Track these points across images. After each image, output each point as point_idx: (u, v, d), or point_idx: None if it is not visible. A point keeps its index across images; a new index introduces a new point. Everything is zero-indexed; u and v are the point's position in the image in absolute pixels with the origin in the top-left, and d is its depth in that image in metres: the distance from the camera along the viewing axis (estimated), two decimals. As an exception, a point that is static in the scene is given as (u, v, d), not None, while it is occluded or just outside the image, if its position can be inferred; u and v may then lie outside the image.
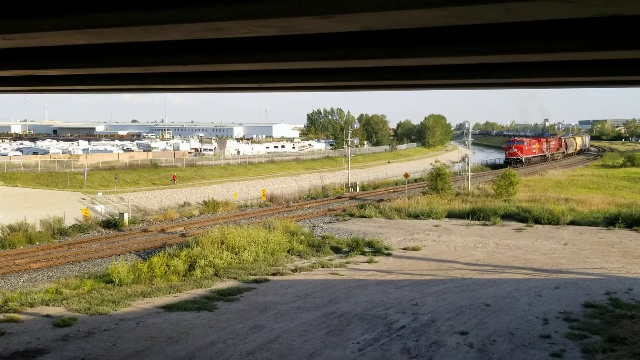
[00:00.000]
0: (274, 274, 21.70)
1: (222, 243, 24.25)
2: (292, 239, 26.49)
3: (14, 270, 22.78)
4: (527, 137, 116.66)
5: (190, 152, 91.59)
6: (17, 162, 61.80)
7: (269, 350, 13.62)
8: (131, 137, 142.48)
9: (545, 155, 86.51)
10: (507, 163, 75.01)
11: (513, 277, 21.41)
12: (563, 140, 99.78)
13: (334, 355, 13.38)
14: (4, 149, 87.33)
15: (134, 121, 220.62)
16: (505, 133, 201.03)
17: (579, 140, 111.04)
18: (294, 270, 22.41)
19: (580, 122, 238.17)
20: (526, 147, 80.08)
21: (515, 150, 78.64)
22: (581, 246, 27.28)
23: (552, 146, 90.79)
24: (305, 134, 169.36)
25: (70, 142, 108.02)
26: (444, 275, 21.74)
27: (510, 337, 14.53)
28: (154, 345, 13.97)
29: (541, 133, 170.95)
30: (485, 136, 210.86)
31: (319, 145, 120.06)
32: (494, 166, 79.86)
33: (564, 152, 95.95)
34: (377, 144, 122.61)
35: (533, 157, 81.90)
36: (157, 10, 5.80)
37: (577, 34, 7.04)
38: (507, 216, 35.27)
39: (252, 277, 21.05)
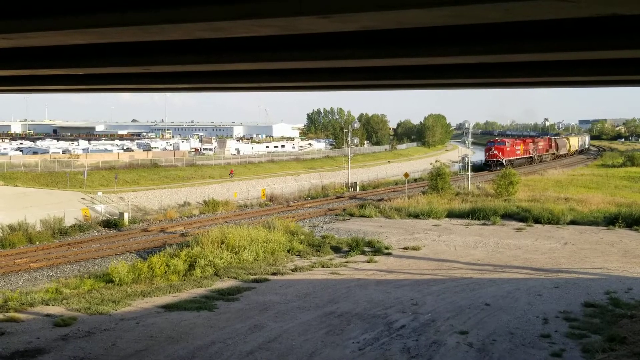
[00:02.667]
0: (274, 274, 21.70)
1: (222, 243, 24.23)
2: (292, 239, 26.46)
3: (14, 269, 22.78)
4: (512, 136, 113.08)
5: (190, 152, 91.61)
6: (17, 162, 61.82)
7: (269, 350, 13.62)
8: (131, 137, 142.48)
9: (531, 157, 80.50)
10: (487, 165, 70.56)
11: (513, 276, 21.40)
12: (553, 140, 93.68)
13: (334, 354, 13.38)
14: (4, 148, 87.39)
15: (134, 121, 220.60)
16: (507, 132, 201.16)
17: (573, 140, 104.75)
18: (294, 270, 22.40)
19: (580, 122, 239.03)
20: (508, 149, 73.41)
21: (496, 152, 72.07)
22: (581, 246, 27.27)
23: (540, 147, 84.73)
24: (305, 133, 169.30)
25: (70, 142, 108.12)
26: (444, 274, 21.74)
27: (510, 337, 14.53)
28: (154, 345, 13.97)
29: (544, 132, 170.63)
30: (486, 136, 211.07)
31: (319, 145, 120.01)
32: (473, 169, 74.09)
33: (554, 154, 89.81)
34: (377, 143, 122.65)
35: (516, 159, 75.60)
36: (157, 10, 5.81)
37: (577, 34, 7.04)
38: (507, 216, 35.24)
39: (252, 277, 21.05)
